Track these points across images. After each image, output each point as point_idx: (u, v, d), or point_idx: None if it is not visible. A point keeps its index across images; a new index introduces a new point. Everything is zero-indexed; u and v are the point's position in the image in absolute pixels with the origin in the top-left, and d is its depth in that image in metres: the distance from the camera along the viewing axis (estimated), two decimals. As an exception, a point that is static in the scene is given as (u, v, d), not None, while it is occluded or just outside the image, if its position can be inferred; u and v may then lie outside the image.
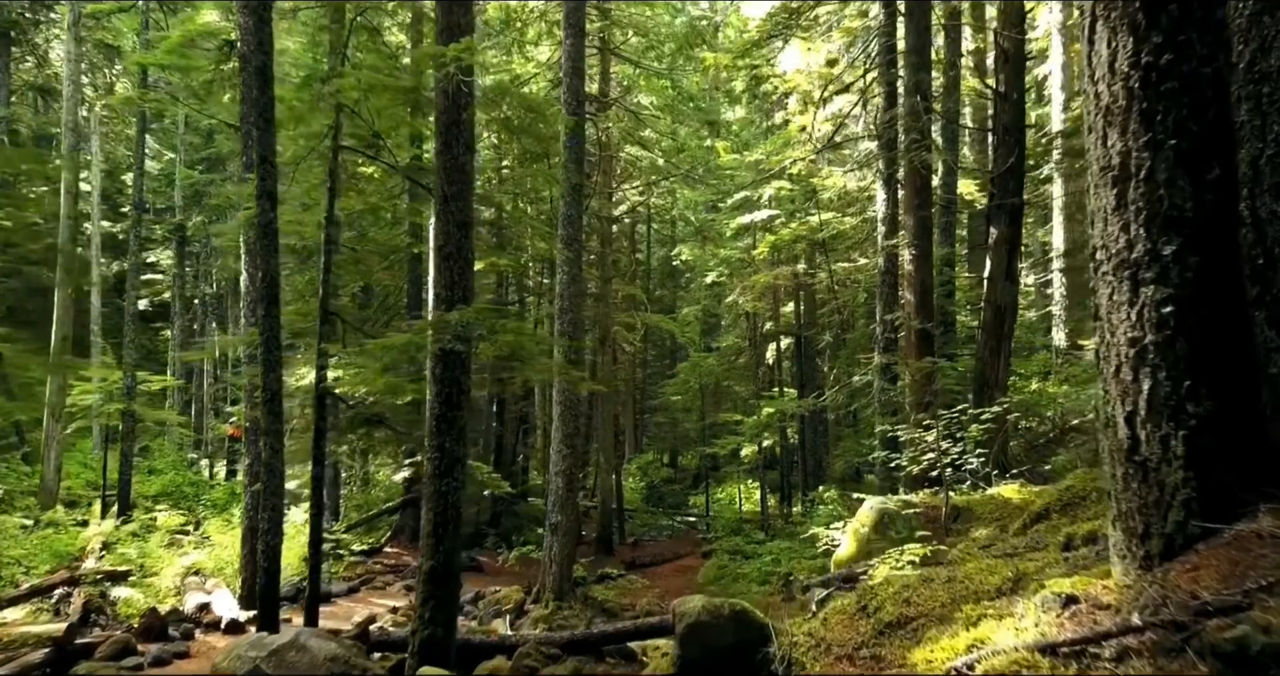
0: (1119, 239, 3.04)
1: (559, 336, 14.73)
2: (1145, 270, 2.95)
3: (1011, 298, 12.74)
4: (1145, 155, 2.98)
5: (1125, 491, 3.00)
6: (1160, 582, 2.65)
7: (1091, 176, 3.23)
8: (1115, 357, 3.05)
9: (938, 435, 8.65)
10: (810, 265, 23.75)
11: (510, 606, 13.91)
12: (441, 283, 7.43)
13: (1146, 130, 2.98)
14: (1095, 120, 3.18)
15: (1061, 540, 4.33)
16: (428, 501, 7.34)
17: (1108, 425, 3.12)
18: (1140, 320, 2.95)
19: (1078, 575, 3.20)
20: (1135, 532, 2.97)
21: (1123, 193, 3.04)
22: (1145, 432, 2.92)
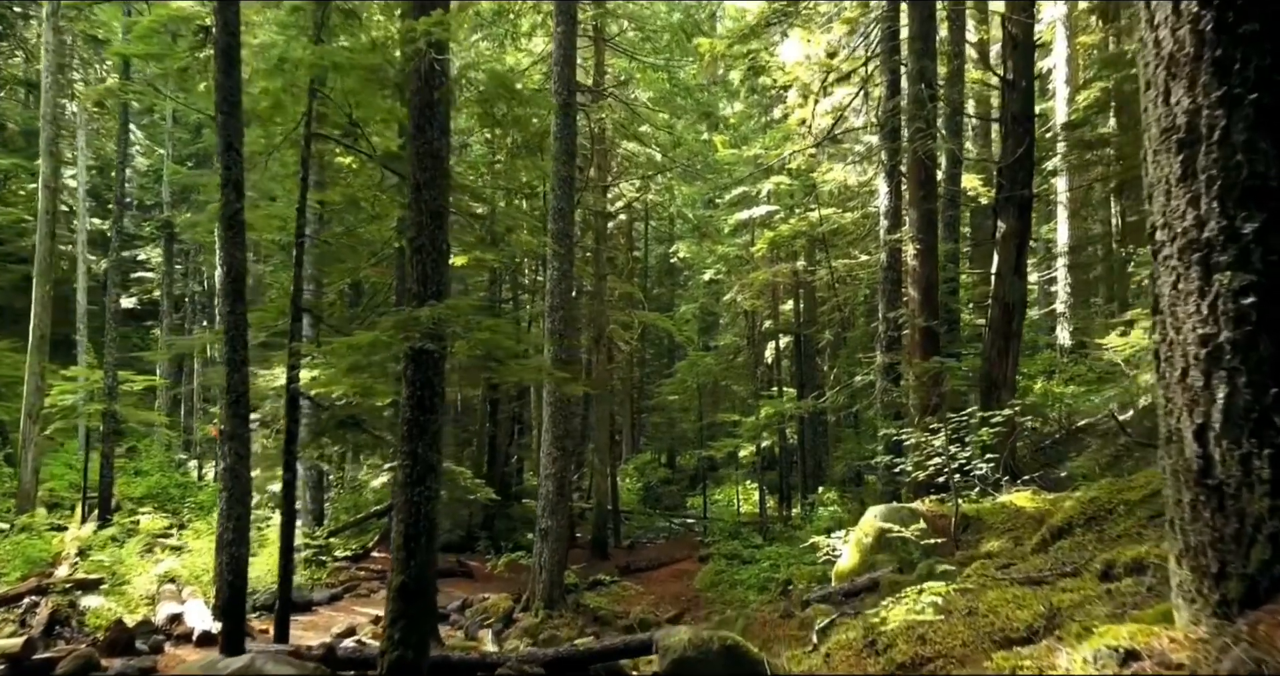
0: (1186, 215, 2.51)
1: (549, 335, 14.21)
2: (1220, 252, 2.42)
3: (1020, 294, 12.22)
4: (1219, 113, 2.44)
5: (1194, 521, 2.47)
6: (1249, 639, 2.12)
7: (1149, 141, 2.70)
8: (1181, 359, 2.52)
9: (945, 439, 8.13)
10: (810, 262, 23.22)
11: (498, 615, 13.38)
12: (413, 277, 6.90)
13: (1220, 83, 2.44)
14: (1155, 73, 2.64)
15: (1099, 567, 3.80)
16: (398, 512, 6.82)
17: (1170, 441, 2.59)
18: (1213, 313, 2.42)
19: (1131, 619, 2.66)
20: (1207, 572, 2.44)
21: (1190, 159, 2.50)
22: (1220, 451, 2.39)
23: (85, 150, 27.27)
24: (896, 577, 7.19)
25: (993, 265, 12.79)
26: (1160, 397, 2.64)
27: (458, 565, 18.35)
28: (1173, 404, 2.57)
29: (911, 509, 8.54)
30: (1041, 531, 5.85)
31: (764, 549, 18.25)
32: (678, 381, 26.89)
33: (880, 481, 12.46)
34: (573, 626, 13.62)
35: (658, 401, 30.30)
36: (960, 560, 6.79)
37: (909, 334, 12.60)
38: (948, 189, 14.30)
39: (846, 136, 22.67)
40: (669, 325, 24.77)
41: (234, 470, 8.05)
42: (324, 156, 12.33)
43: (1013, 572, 4.60)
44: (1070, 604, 3.28)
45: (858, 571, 8.47)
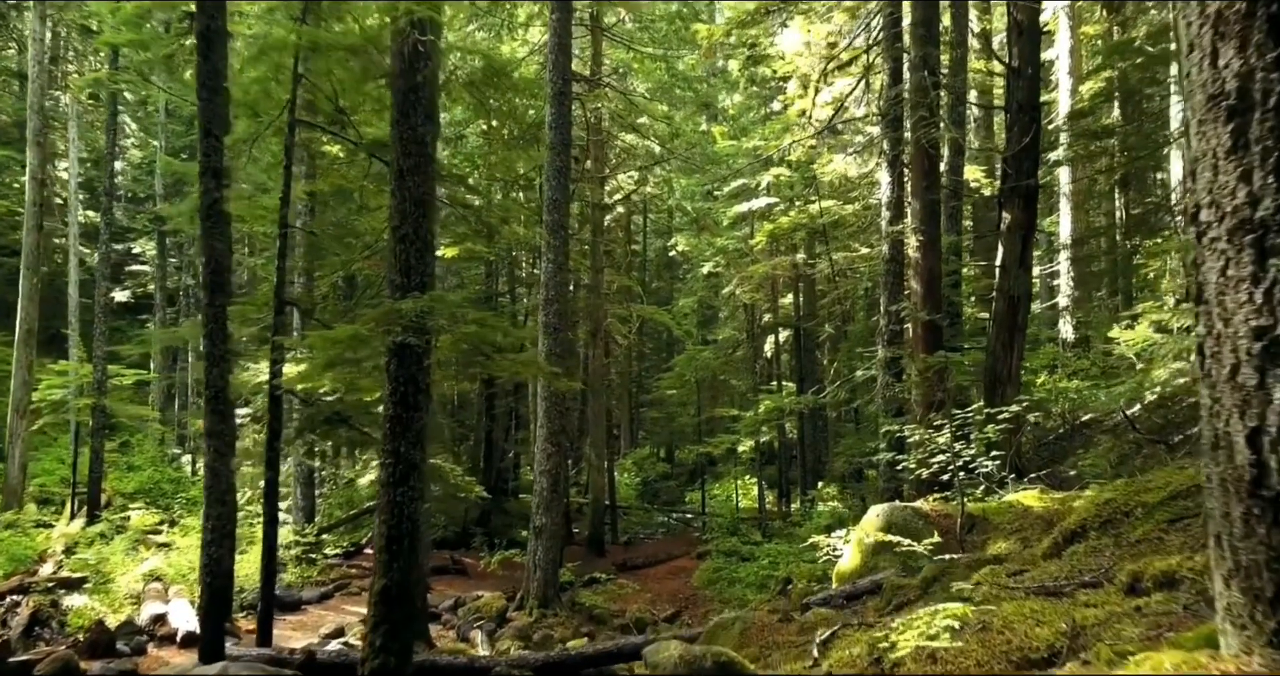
0: (1236, 192, 2.22)
1: (544, 328, 13.92)
2: (1276, 234, 2.13)
3: (1025, 287, 11.93)
4: (1275, 76, 2.15)
5: (1247, 537, 2.19)
6: (1315, 676, 1.84)
7: (1192, 110, 2.41)
8: (1230, 355, 2.24)
9: (950, 436, 7.84)
10: (810, 255, 22.92)
11: (491, 615, 13.12)
12: (396, 268, 6.61)
13: (1277, 42, 2.15)
14: (1199, 34, 2.35)
15: (1125, 579, 3.51)
16: (381, 512, 6.54)
17: (1217, 446, 2.30)
18: (1269, 302, 2.13)
19: (1169, 644, 2.38)
20: (1261, 595, 2.16)
21: (1242, 129, 2.21)
22: (1277, 458, 2.11)
23: (77, 142, 26.92)
24: (900, 581, 6.92)
25: (996, 258, 12.51)
26: (1206, 398, 2.35)
27: (451, 562, 18.10)
28: (1220, 405, 2.28)
29: (915, 508, 8.26)
30: (1053, 535, 5.57)
31: (763, 546, 18.00)
32: (676, 376, 26.59)
33: (882, 478, 12.19)
34: (567, 626, 13.37)
35: (656, 396, 30.03)
36: (967, 563, 6.52)
37: (911, 328, 12.32)
38: (950, 180, 14.00)
39: (847, 127, 22.36)
40: (667, 319, 24.47)
41: (215, 469, 7.77)
42: (312, 146, 12.03)
43: (1026, 581, 4.32)
44: (1095, 621, 3.00)
45: (859, 572, 8.20)
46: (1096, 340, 23.84)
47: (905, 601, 6.55)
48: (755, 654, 6.19)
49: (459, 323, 6.45)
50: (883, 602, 6.82)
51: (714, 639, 7.21)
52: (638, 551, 21.04)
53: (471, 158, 23.88)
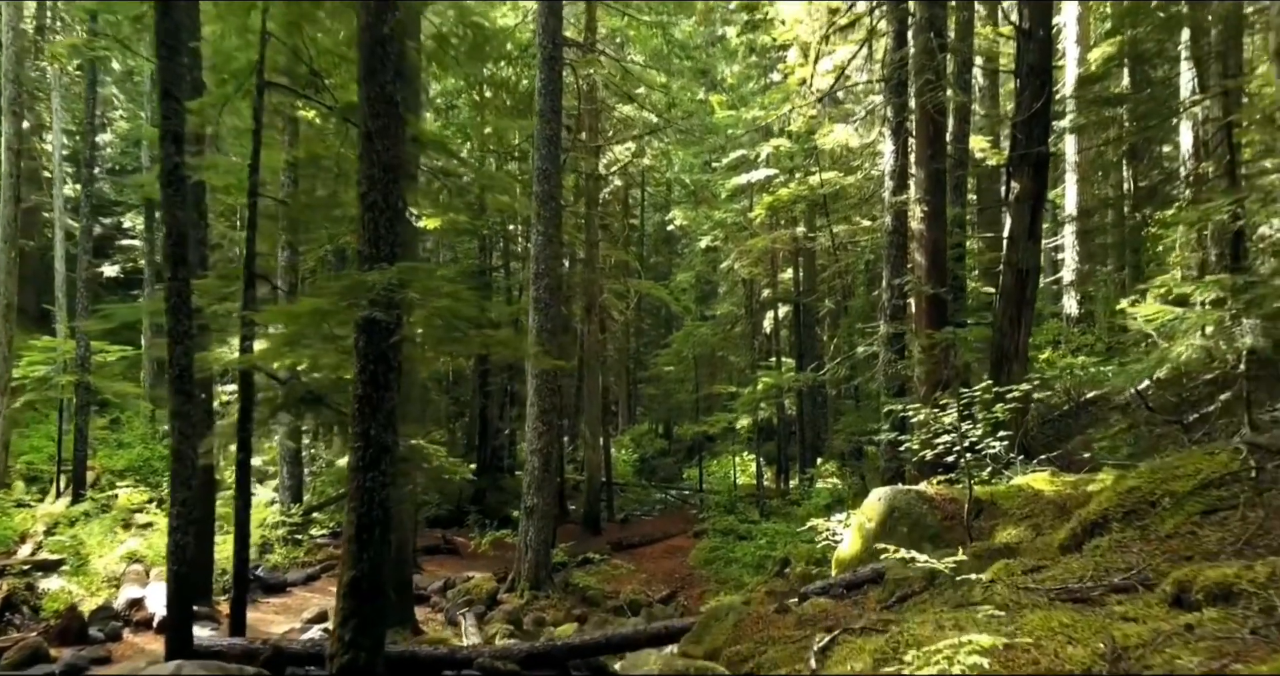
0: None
1: (535, 303, 13.48)
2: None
3: (1034, 260, 11.45)
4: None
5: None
6: None
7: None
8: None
9: (957, 415, 7.41)
10: (810, 228, 22.39)
11: (481, 597, 12.79)
12: (365, 238, 6.13)
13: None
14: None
15: (1170, 589, 3.08)
16: (350, 500, 6.12)
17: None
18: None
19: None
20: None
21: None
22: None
23: (61, 113, 26.25)
24: (904, 571, 6.51)
25: (1004, 228, 12.02)
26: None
27: (443, 542, 17.78)
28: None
29: (919, 492, 7.85)
30: (1071, 525, 5.15)
31: (760, 524, 17.68)
32: (673, 352, 26.18)
33: (883, 457, 11.78)
34: (559, 608, 13.05)
35: (653, 372, 29.61)
36: (976, 552, 6.11)
37: (915, 302, 11.85)
38: (956, 148, 13.47)
39: (848, 96, 21.75)
40: (664, 294, 24.02)
41: (180, 451, 7.34)
42: (288, 112, 11.52)
43: (1046, 580, 3.90)
44: (1138, 641, 2.57)
45: (860, 559, 7.81)
46: (1101, 315, 23.42)
47: (909, 593, 6.14)
48: (749, 651, 5.80)
49: (431, 296, 6.00)
50: (885, 594, 6.42)
51: (705, 631, 6.83)
52: (634, 529, 20.72)
53: (464, 128, 23.32)
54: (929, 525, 7.46)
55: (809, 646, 5.14)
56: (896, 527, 7.60)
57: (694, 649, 6.68)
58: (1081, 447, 11.51)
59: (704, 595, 15.11)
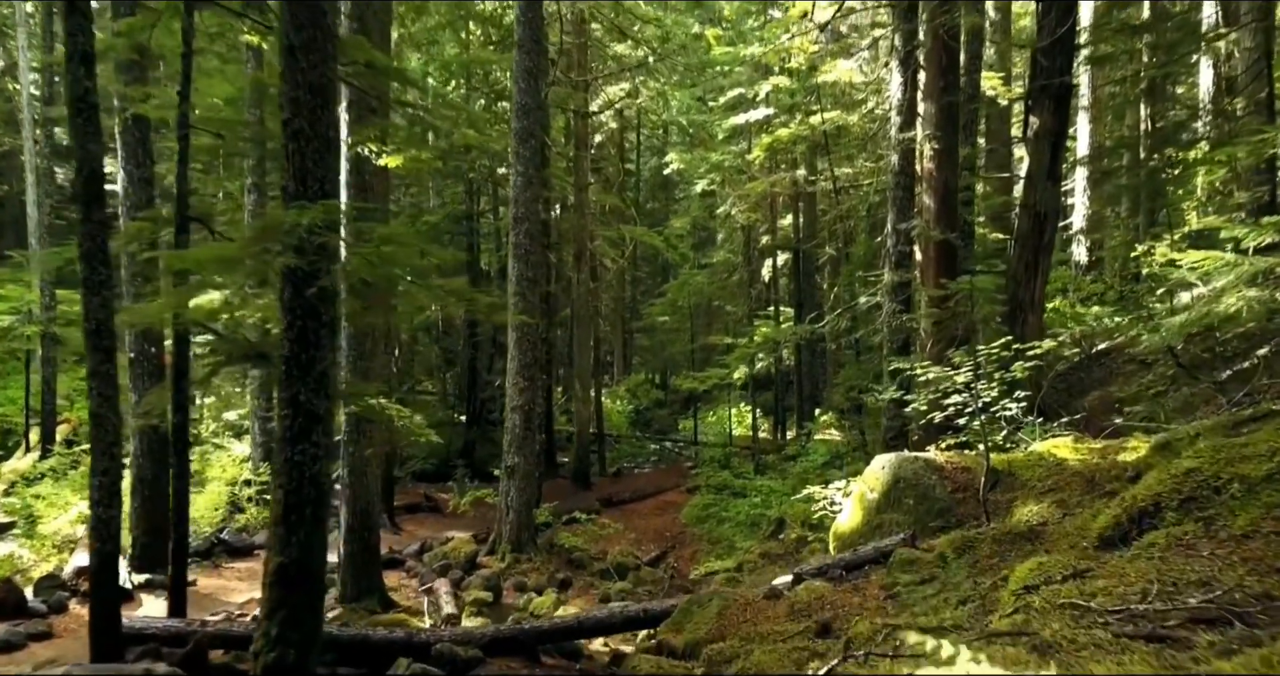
0: None
1: (514, 250, 12.57)
2: None
3: (1054, 201, 10.53)
4: None
5: None
6: None
7: None
8: None
9: (973, 374, 6.59)
10: (811, 171, 21.32)
11: (459, 560, 12.12)
12: (289, 172, 5.23)
13: None
14: None
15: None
16: (276, 476, 5.32)
17: None
18: None
19: None
20: None
21: None
22: None
23: (27, 51, 24.94)
24: (912, 553, 5.76)
25: (1015, 168, 11.09)
26: None
27: (425, 500, 17.12)
28: None
29: (927, 460, 7.07)
30: (1115, 512, 4.34)
31: (755, 481, 17.01)
32: (668, 301, 25.33)
33: (885, 415, 11.01)
34: (542, 572, 12.41)
35: (648, 323, 28.75)
36: (995, 535, 5.33)
37: (922, 249, 10.95)
38: (967, 81, 12.40)
39: (851, 32, 20.52)
40: (657, 241, 23.03)
41: (99, 416, 6.53)
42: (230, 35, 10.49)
43: (1099, 597, 3.10)
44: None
45: (861, 533, 7.06)
46: (1113, 263, 22.50)
47: (918, 581, 5.39)
48: (733, 649, 5.06)
49: (364, 240, 5.12)
50: (890, 578, 5.67)
51: (687, 618, 6.09)
52: (626, 484, 20.07)
53: (448, 65, 22.12)
54: (938, 498, 6.69)
55: (803, 652, 4.40)
56: (902, 500, 6.83)
57: (673, 638, 5.96)
58: (1100, 406, 10.73)
59: (695, 555, 14.50)
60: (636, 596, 12.10)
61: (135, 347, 10.58)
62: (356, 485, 9.71)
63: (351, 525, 9.68)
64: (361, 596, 9.66)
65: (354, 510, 9.69)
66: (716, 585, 11.89)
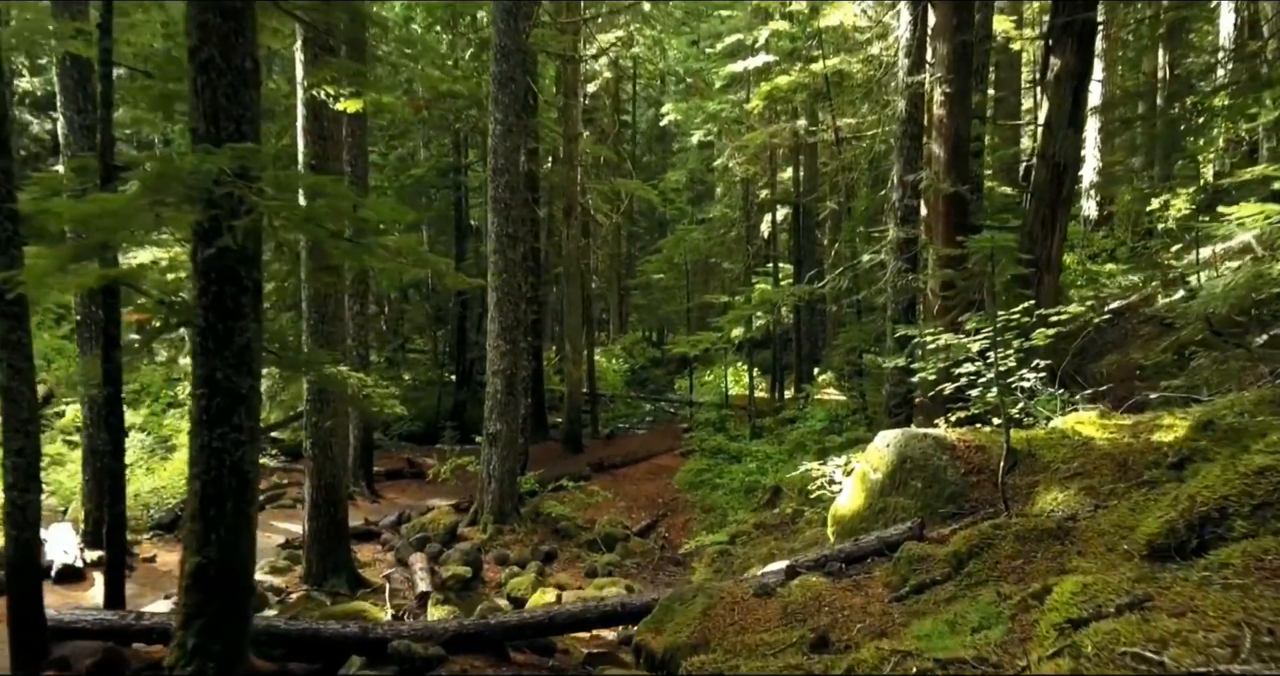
0: None
1: (493, 204, 11.77)
2: None
3: (1074, 151, 9.74)
4: None
5: None
6: None
7: None
8: None
9: (991, 341, 5.86)
10: (812, 122, 20.35)
11: (438, 532, 11.52)
12: (199, 110, 4.46)
13: None
14: None
15: None
16: (193, 464, 4.64)
17: None
18: None
19: None
20: None
21: None
22: None
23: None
24: (921, 548, 5.09)
25: (1039, 113, 10.26)
26: None
27: (407, 465, 16.52)
28: None
29: (937, 437, 6.37)
30: (1168, 515, 3.65)
31: (751, 445, 16.39)
32: (663, 258, 24.48)
33: (889, 381, 10.31)
34: (525, 543, 11.84)
35: (642, 280, 27.92)
36: (1018, 531, 4.65)
37: (930, 202, 10.16)
38: (982, 17, 11.44)
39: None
40: (651, 195, 22.13)
41: (10, 390, 5.83)
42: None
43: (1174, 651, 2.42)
44: None
45: (863, 517, 6.40)
46: (1125, 218, 21.64)
47: (929, 582, 4.73)
48: (716, 663, 4.40)
49: (286, 191, 4.36)
50: (896, 577, 5.02)
51: (668, 616, 5.45)
52: (618, 447, 19.47)
53: (433, 10, 21.04)
54: (949, 481, 6.01)
55: (797, 673, 3.75)
56: (908, 482, 6.16)
57: (652, 640, 5.33)
58: (1119, 373, 10.04)
59: (687, 524, 13.93)
60: (624, 569, 11.56)
61: (82, 310, 9.84)
62: (321, 458, 9.05)
63: (316, 500, 9.04)
64: (328, 576, 9.06)
65: (318, 484, 9.04)
66: (708, 559, 11.36)
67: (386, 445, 19.80)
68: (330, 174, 8.85)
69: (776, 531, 11.36)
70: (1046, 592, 3.46)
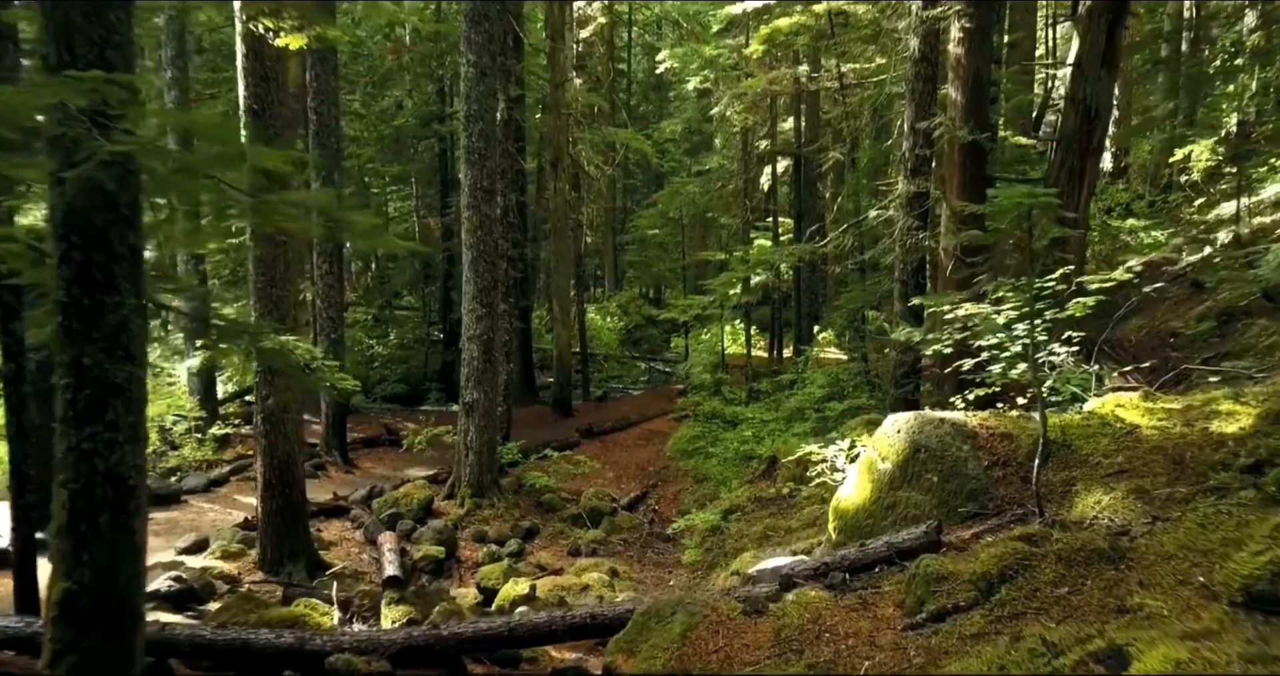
0: None
1: (466, 153, 10.81)
2: None
3: (1107, 94, 8.75)
4: None
5: None
6: None
7: None
8: None
9: (1029, 311, 5.02)
10: (814, 68, 19.19)
11: (412, 508, 10.79)
12: (47, 30, 3.56)
13: None
14: None
15: None
16: (61, 469, 3.82)
17: None
18: None
19: None
20: None
21: None
22: None
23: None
24: (940, 564, 4.29)
25: (1069, 52, 9.26)
26: None
27: (385, 432, 15.74)
28: None
29: (955, 423, 5.55)
30: (1268, 552, 2.84)
31: (747, 410, 15.62)
32: (657, 212, 23.46)
33: (895, 348, 9.45)
34: (505, 519, 11.13)
35: (636, 235, 26.92)
36: (1059, 550, 3.85)
37: (946, 152, 9.22)
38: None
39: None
40: (645, 146, 21.04)
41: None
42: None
43: None
44: None
45: (870, 513, 5.61)
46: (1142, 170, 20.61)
47: (951, 609, 3.94)
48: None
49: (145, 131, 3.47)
50: (911, 598, 4.23)
51: (644, 636, 4.68)
52: (609, 411, 18.72)
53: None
54: (970, 475, 5.20)
55: None
56: (923, 474, 5.35)
57: (624, 662, 4.57)
58: (1148, 340, 9.20)
59: (678, 496, 13.22)
60: (610, 547, 10.85)
61: None
62: (273, 434, 8.25)
63: (269, 480, 8.27)
64: (284, 561, 8.33)
65: (270, 463, 8.25)
66: (699, 537, 10.63)
67: (369, 408, 19.04)
68: (277, 120, 7.92)
69: (773, 506, 10.61)
70: (1115, 656, 2.65)
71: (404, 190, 28.50)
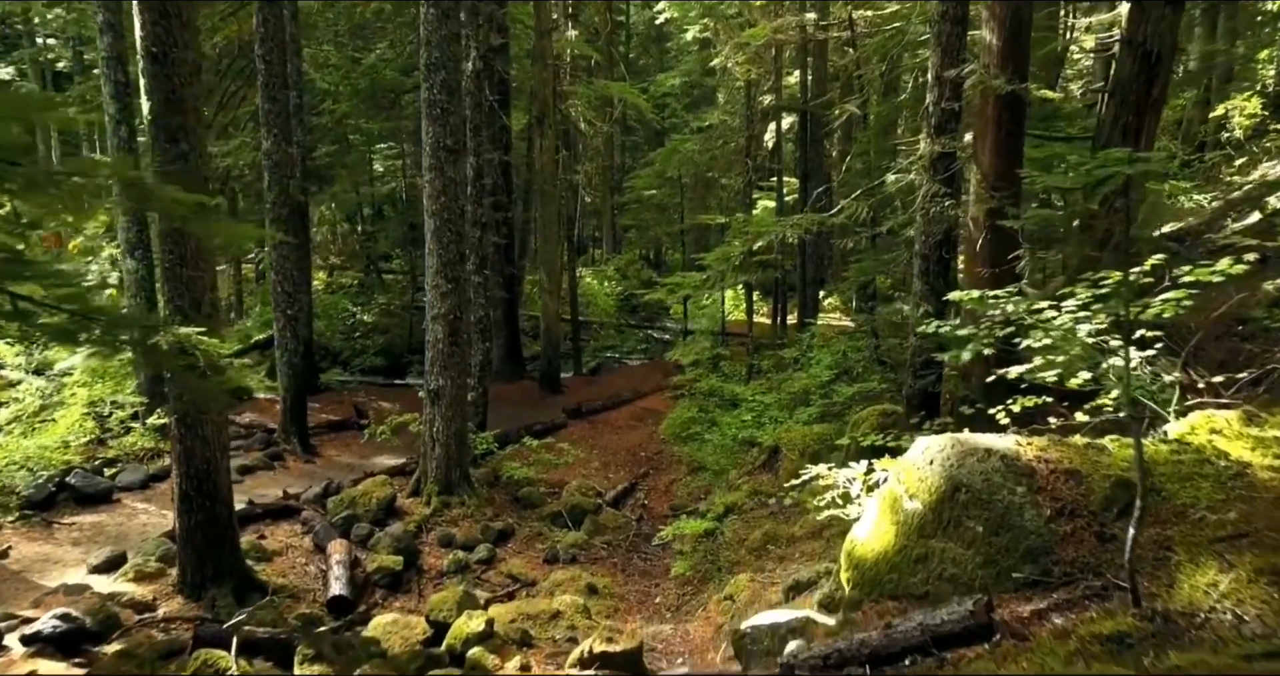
0: None
1: (427, 107, 9.49)
2: None
3: (1170, 37, 7.38)
4: None
5: None
6: None
7: None
8: None
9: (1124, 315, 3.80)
10: (822, 16, 17.66)
11: (370, 508, 9.67)
12: None
13: None
14: None
15: None
16: None
17: None
18: None
19: None
20: None
21: None
22: None
23: None
24: (999, 666, 3.11)
25: None
26: None
27: (355, 413, 14.56)
28: None
29: (1005, 455, 4.31)
30: None
31: (747, 389, 14.41)
32: (654, 172, 22.07)
33: (914, 333, 8.23)
34: (477, 519, 10.02)
35: (632, 196, 25.52)
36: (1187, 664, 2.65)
37: (978, 106, 7.90)
38: None
39: None
40: (640, 100, 19.63)
41: None
42: None
43: None
44: None
45: (895, 565, 4.42)
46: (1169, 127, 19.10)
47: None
48: None
49: None
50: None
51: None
52: (601, 388, 17.55)
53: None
54: (1027, 527, 4.00)
55: None
56: (963, 521, 4.16)
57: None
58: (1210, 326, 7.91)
59: (671, 487, 12.09)
60: (592, 552, 9.73)
61: None
62: (189, 439, 7.07)
63: (185, 492, 7.12)
64: (207, 584, 7.21)
65: (186, 473, 7.09)
66: (691, 543, 9.50)
67: (349, 383, 17.87)
68: (183, 66, 6.62)
69: (773, 506, 9.49)
70: None
71: (395, 148, 27.08)
